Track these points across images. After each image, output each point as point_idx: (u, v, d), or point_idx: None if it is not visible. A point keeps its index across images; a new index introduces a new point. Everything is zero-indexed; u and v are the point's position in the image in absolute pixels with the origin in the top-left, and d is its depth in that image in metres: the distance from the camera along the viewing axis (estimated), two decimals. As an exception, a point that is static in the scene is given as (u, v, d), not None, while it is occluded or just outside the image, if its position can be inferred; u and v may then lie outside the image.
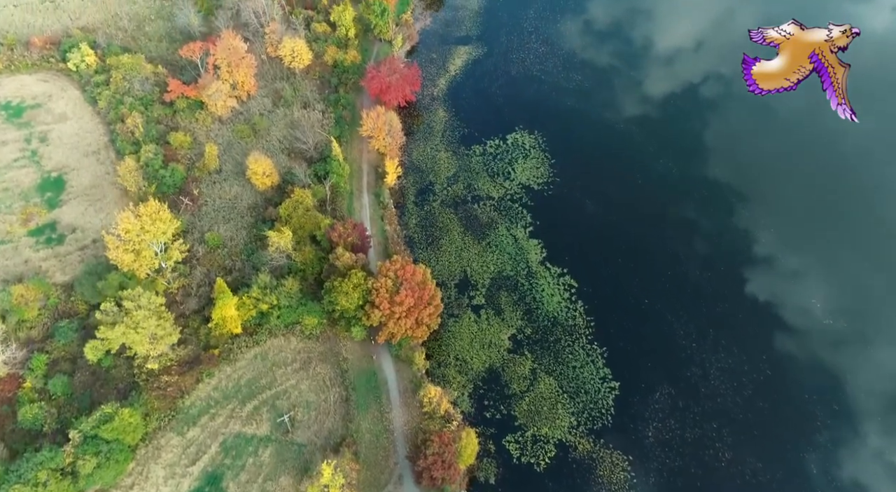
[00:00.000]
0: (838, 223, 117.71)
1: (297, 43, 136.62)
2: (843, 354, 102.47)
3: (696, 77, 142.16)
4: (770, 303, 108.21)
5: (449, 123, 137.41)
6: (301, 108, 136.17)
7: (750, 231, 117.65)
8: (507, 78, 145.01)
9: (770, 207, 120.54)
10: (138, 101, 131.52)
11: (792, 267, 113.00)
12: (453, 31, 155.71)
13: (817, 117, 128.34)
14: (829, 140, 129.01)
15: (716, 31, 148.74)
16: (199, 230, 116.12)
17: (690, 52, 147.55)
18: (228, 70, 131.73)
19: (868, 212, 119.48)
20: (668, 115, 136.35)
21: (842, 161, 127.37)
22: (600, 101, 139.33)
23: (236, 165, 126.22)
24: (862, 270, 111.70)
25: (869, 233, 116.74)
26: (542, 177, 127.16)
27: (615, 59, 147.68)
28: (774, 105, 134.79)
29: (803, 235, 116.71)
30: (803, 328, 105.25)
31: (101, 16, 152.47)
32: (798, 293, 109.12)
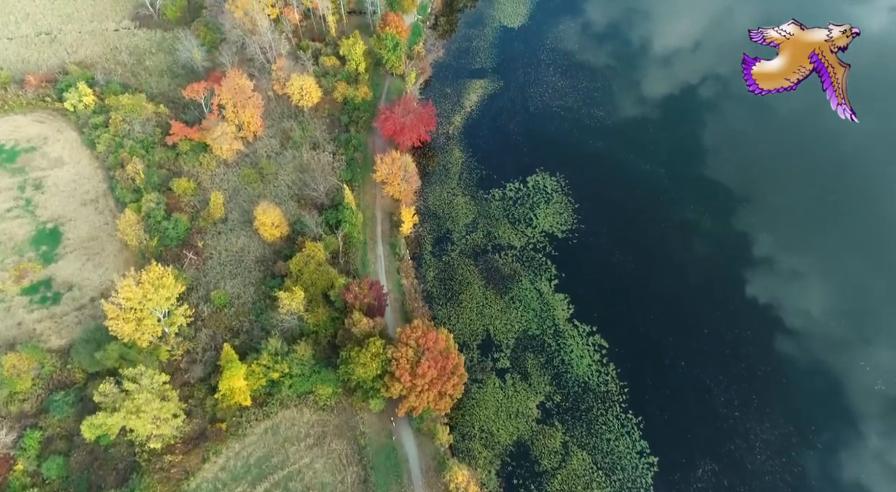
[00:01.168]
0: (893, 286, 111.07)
1: (306, 80, 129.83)
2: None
3: (730, 115, 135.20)
4: (818, 367, 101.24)
5: (466, 164, 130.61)
6: (310, 150, 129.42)
7: (792, 285, 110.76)
8: (525, 114, 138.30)
9: (821, 261, 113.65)
10: (139, 143, 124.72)
11: (840, 335, 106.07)
12: (467, 64, 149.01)
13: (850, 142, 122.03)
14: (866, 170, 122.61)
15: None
16: (205, 287, 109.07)
17: (723, 88, 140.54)
18: (234, 110, 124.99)
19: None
20: (697, 157, 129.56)
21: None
22: (624, 140, 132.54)
23: (243, 213, 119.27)
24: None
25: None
26: (565, 223, 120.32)
27: (639, 94, 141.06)
28: (816, 150, 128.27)
29: (859, 297, 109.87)
30: (857, 396, 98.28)
31: (100, 49, 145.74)
32: (850, 360, 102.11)
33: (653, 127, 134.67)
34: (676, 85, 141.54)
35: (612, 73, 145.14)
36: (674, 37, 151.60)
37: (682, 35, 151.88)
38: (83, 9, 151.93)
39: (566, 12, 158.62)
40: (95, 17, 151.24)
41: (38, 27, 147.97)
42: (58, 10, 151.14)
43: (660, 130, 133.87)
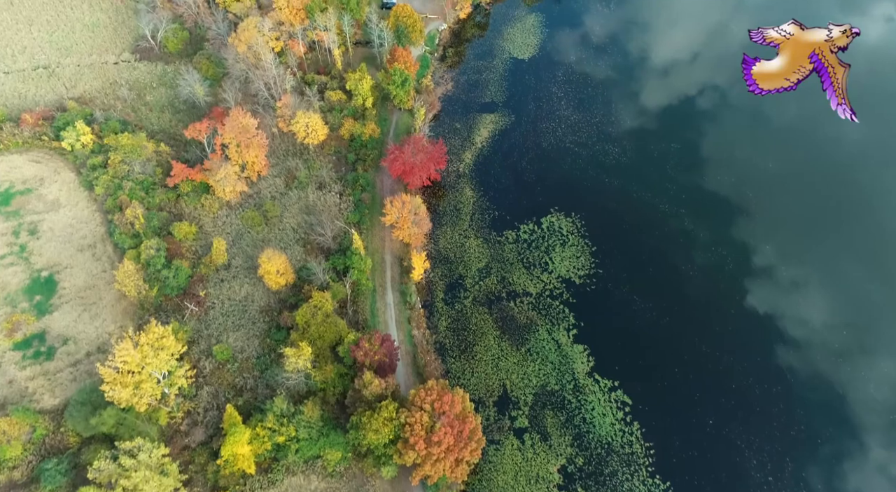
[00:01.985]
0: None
1: (312, 117, 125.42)
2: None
3: (753, 152, 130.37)
4: (851, 426, 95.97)
5: (477, 204, 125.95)
6: (316, 190, 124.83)
7: (829, 339, 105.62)
8: (538, 151, 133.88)
9: (870, 315, 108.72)
10: (138, 185, 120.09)
11: (877, 398, 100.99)
12: (477, 97, 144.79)
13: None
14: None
15: (776, 112, 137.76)
16: (206, 340, 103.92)
17: (745, 123, 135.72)
18: (237, 150, 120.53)
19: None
20: (719, 196, 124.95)
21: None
22: (641, 178, 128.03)
23: (247, 258, 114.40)
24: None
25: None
26: (583, 268, 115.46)
27: (655, 130, 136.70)
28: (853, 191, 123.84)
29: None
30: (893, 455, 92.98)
31: (99, 83, 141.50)
32: (883, 420, 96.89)
33: (671, 164, 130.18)
34: (694, 121, 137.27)
35: (627, 108, 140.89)
36: (692, 71, 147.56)
37: (700, 69, 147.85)
38: (82, 41, 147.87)
39: (577, 43, 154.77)
40: (95, 49, 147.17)
41: (35, 61, 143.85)
42: (56, 43, 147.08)
43: (678, 167, 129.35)
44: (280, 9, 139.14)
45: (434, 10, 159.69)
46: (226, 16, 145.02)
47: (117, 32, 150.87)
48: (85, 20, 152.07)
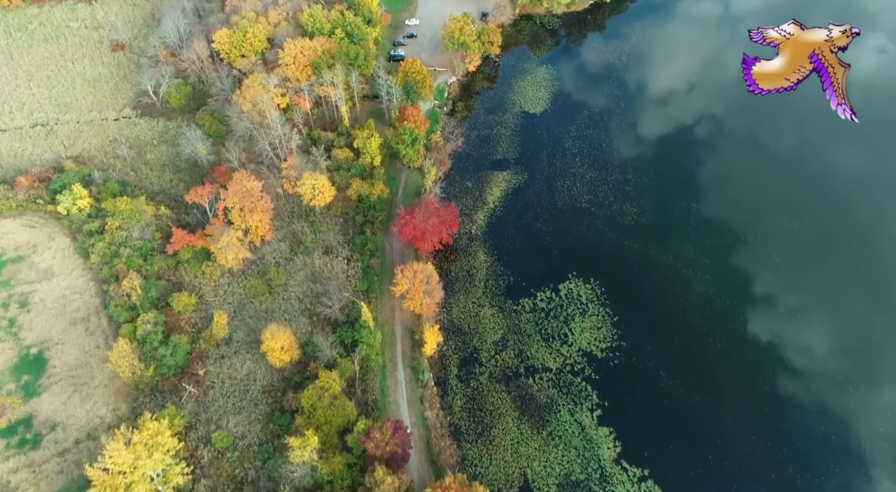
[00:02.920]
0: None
1: (319, 179, 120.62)
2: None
3: (777, 213, 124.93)
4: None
5: (491, 269, 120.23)
6: (323, 255, 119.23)
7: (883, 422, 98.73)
8: (553, 211, 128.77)
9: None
10: (136, 251, 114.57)
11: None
12: (489, 154, 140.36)
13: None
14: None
15: (799, 165, 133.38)
16: (205, 424, 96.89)
17: (771, 181, 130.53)
18: (241, 215, 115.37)
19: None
20: (743, 260, 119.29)
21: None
22: (662, 241, 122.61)
23: (249, 331, 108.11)
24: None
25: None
26: (604, 340, 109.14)
27: (674, 188, 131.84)
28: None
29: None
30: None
31: (99, 141, 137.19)
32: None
33: (692, 226, 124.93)
34: (715, 180, 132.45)
35: (643, 165, 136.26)
36: (710, 127, 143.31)
37: (719, 124, 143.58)
38: (82, 97, 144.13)
39: (589, 97, 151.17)
40: (95, 105, 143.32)
41: (33, 118, 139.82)
42: (56, 99, 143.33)
43: (700, 229, 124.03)
44: (286, 65, 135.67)
45: (443, 63, 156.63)
46: (230, 71, 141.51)
47: (118, 87, 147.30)
48: (86, 75, 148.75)
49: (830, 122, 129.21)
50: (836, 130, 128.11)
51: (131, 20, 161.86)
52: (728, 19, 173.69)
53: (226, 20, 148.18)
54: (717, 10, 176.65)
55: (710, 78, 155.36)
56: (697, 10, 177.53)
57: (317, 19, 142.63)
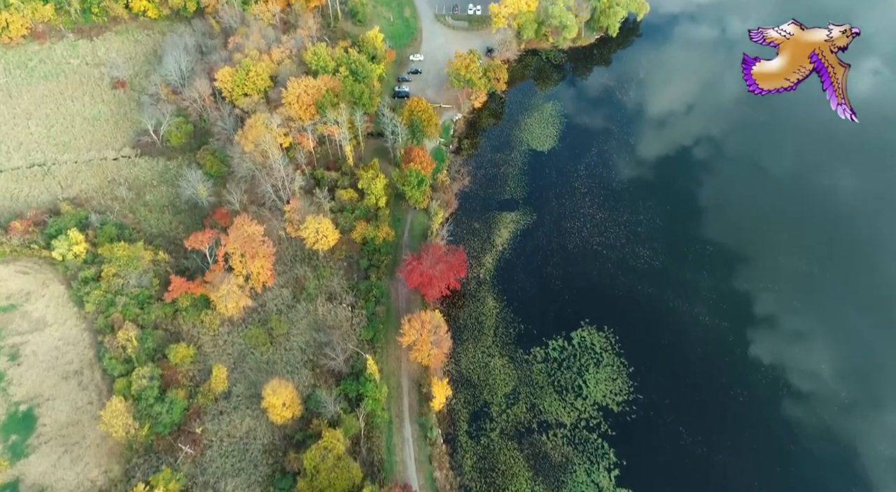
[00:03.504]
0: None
1: (322, 222, 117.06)
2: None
3: (798, 253, 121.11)
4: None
5: (501, 315, 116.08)
6: (326, 301, 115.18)
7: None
8: (563, 254, 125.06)
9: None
10: (133, 299, 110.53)
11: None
12: (496, 193, 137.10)
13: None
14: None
15: (820, 201, 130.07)
16: (202, 488, 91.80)
17: (787, 220, 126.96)
18: (242, 260, 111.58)
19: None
20: (762, 304, 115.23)
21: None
22: (677, 285, 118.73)
23: (249, 385, 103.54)
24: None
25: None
26: (620, 392, 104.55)
27: (686, 228, 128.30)
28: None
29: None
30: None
31: (97, 181, 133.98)
32: None
33: (707, 269, 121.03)
34: (729, 219, 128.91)
35: (655, 204, 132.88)
36: (722, 163, 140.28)
37: (731, 161, 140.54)
38: (81, 136, 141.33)
39: (597, 134, 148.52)
40: (94, 145, 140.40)
41: (30, 158, 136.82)
42: (54, 139, 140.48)
43: (715, 272, 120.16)
44: (289, 104, 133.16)
45: (448, 100, 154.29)
46: (232, 110, 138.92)
47: (118, 126, 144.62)
48: (85, 113, 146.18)
49: (856, 162, 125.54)
50: (866, 176, 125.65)
51: (133, 57, 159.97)
52: (735, 50, 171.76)
53: (228, 58, 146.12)
54: (723, 42, 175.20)
55: (719, 112, 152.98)
56: (703, 43, 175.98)
57: (321, 57, 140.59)
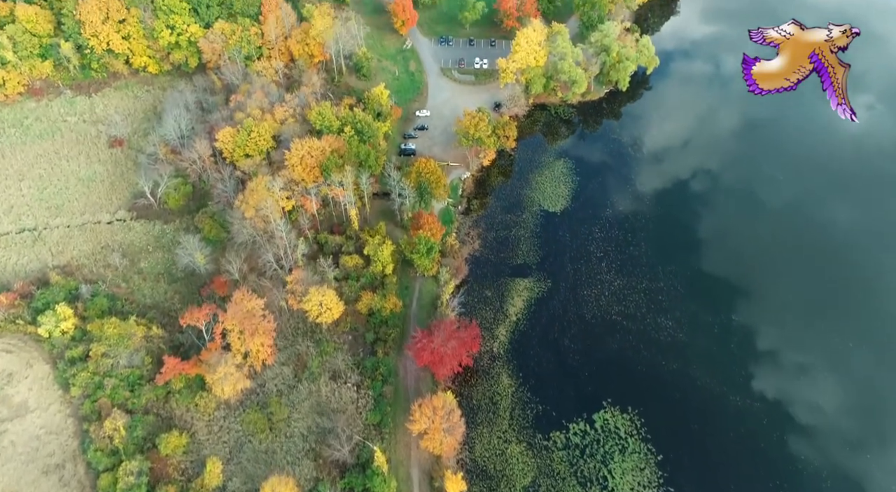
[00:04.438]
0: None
1: (326, 294, 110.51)
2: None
3: (832, 329, 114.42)
4: None
5: (517, 395, 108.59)
6: (330, 380, 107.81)
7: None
8: (581, 325, 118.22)
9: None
10: (123, 381, 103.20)
11: None
12: (508, 258, 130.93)
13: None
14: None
15: (842, 250, 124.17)
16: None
17: (821, 290, 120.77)
18: (240, 338, 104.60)
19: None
20: (795, 382, 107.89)
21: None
22: (703, 360, 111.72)
23: (246, 478, 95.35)
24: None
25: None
26: (649, 484, 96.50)
27: (710, 297, 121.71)
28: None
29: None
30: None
31: (89, 247, 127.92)
32: None
33: (735, 341, 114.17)
34: (752, 285, 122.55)
35: (675, 269, 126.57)
36: (743, 219, 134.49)
37: (753, 216, 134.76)
38: (75, 199, 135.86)
39: (611, 192, 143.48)
40: (88, 208, 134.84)
41: (21, 223, 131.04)
42: (46, 201, 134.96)
43: (744, 347, 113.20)
44: (293, 167, 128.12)
45: (456, 158, 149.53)
46: (233, 172, 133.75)
47: (114, 187, 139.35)
48: (80, 174, 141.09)
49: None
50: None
51: (132, 113, 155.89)
52: (748, 101, 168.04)
53: (230, 117, 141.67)
54: (736, 93, 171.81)
55: (737, 168, 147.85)
56: (714, 95, 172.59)
57: (325, 117, 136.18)
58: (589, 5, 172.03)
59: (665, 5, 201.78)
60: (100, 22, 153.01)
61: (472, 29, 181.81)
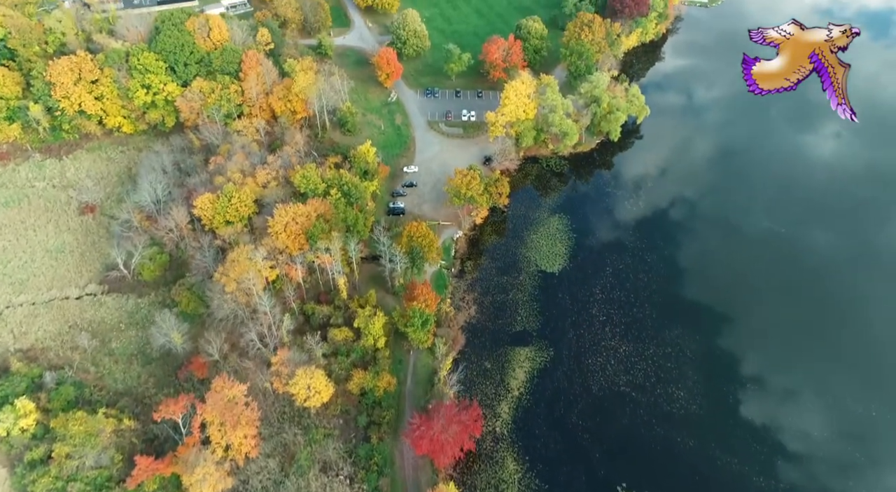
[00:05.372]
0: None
1: (315, 375, 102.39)
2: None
3: (855, 398, 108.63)
4: None
5: (524, 481, 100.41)
6: (320, 473, 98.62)
7: None
8: (588, 398, 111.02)
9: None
10: (89, 484, 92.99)
11: None
12: (506, 324, 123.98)
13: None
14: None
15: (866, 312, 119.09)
16: None
17: (840, 350, 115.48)
18: (221, 430, 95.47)
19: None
20: (821, 458, 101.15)
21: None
22: (720, 436, 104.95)
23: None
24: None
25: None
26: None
27: (721, 362, 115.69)
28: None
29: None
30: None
31: (56, 327, 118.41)
32: None
33: (755, 416, 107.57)
34: (771, 345, 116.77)
35: (681, 333, 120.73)
36: (749, 273, 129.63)
37: (761, 269, 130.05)
38: (41, 272, 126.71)
39: (610, 249, 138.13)
40: (56, 282, 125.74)
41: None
42: (10, 277, 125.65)
43: (765, 421, 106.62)
44: (276, 235, 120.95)
45: (447, 216, 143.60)
46: (212, 241, 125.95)
47: (84, 258, 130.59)
48: (48, 244, 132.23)
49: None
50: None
51: (105, 176, 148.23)
52: (744, 144, 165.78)
53: (209, 181, 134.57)
54: (727, 136, 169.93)
55: (735, 216, 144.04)
56: (706, 143, 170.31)
57: (310, 180, 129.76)
58: (576, 55, 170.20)
59: (650, 52, 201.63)
60: (71, 83, 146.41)
61: (458, 80, 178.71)
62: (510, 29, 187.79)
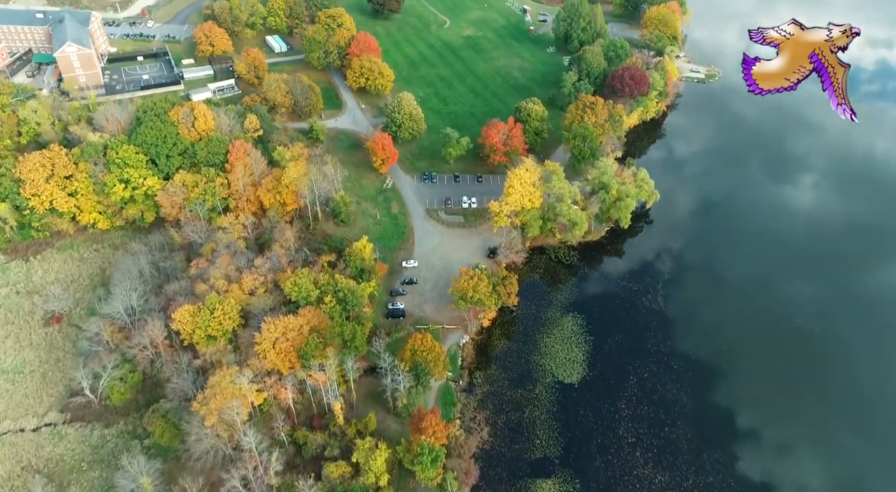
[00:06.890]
0: None
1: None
2: None
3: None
4: None
5: None
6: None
7: None
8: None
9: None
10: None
11: None
12: (524, 450, 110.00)
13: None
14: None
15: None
16: None
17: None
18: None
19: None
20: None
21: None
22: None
23: None
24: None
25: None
26: None
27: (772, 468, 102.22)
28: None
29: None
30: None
31: (5, 469, 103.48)
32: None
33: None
34: (827, 465, 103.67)
35: (722, 456, 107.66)
36: (787, 385, 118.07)
37: (803, 373, 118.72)
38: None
39: (632, 353, 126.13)
40: (10, 411, 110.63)
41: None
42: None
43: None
44: (264, 353, 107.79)
45: (452, 319, 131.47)
46: (192, 361, 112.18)
47: (46, 380, 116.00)
48: (6, 364, 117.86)
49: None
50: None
51: (75, 279, 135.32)
52: (754, 229, 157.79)
53: (189, 288, 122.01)
54: (738, 212, 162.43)
55: (759, 305, 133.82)
56: (715, 225, 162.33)
57: (302, 287, 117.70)
58: (580, 139, 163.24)
59: (651, 130, 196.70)
60: (43, 180, 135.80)
61: (456, 164, 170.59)
62: (507, 108, 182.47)
